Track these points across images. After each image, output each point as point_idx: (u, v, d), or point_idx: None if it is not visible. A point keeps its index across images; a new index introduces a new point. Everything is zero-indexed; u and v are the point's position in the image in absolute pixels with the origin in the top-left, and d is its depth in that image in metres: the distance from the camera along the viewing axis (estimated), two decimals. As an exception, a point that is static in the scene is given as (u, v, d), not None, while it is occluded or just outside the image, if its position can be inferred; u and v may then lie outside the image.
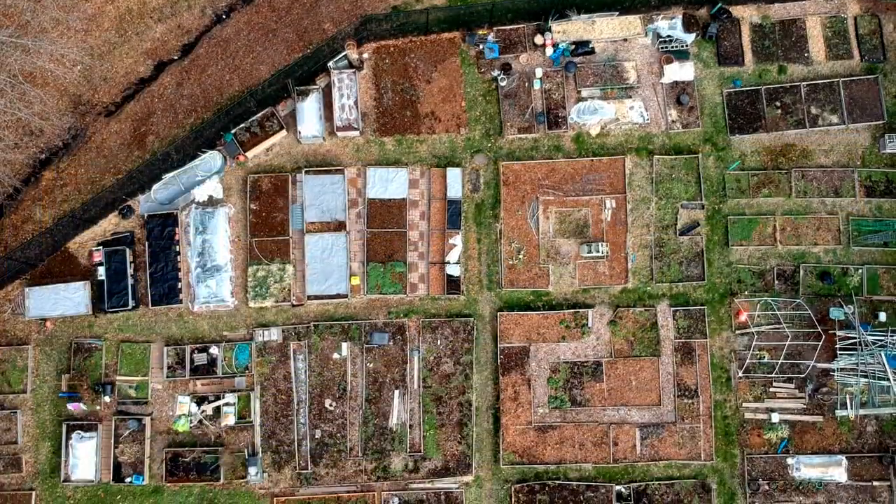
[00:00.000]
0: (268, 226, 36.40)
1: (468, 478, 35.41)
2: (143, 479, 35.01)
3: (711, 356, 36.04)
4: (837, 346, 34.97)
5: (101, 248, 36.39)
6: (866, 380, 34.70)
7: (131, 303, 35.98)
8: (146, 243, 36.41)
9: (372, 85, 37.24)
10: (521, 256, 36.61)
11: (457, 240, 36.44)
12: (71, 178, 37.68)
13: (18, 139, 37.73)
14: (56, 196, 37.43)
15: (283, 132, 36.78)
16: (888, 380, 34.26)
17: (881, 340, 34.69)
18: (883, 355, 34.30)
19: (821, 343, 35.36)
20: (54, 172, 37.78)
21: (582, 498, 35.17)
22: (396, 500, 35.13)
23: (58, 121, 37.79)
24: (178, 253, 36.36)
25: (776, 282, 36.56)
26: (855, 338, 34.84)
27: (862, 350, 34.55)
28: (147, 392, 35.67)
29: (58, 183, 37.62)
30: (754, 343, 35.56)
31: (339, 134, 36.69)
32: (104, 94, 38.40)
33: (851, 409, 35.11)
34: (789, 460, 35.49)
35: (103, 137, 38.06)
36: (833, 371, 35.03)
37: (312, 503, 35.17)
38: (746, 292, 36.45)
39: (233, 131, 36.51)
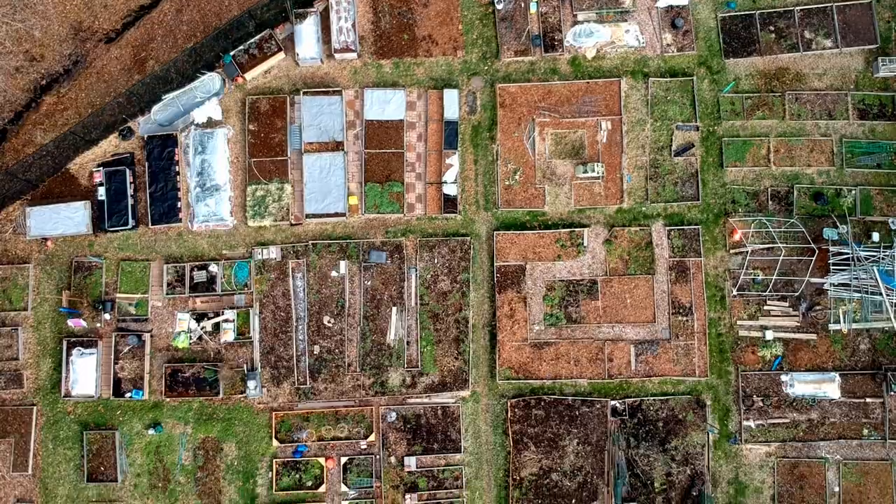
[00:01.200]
0: (266, 146, 36.74)
1: (465, 393, 35.76)
2: (142, 394, 35.37)
3: (706, 275, 36.38)
4: (831, 262, 35.24)
5: (101, 168, 36.74)
6: (859, 295, 34.99)
7: (131, 222, 36.34)
8: (146, 164, 36.76)
9: (369, 8, 37.57)
10: (517, 177, 36.95)
11: (453, 160, 36.77)
12: (71, 103, 38.00)
13: (20, 64, 38.12)
14: (57, 120, 37.73)
15: (282, 54, 37.11)
16: (881, 294, 34.58)
17: (874, 256, 35.01)
18: (876, 270, 34.63)
19: (814, 259, 35.66)
20: (55, 97, 38.12)
21: (577, 413, 35.51)
22: (394, 414, 35.47)
23: (58, 47, 38.21)
24: (178, 173, 36.71)
25: (770, 202, 36.88)
26: (848, 254, 35.14)
27: (855, 265, 34.86)
28: (147, 309, 36.02)
29: (58, 107, 37.94)
30: (748, 258, 35.87)
31: (337, 56, 37.03)
32: (104, 21, 38.69)
33: (845, 323, 35.41)
34: (783, 377, 35.83)
35: (104, 63, 38.38)
36: (826, 286, 35.28)
37: (311, 418, 35.48)
38: (741, 212, 36.77)
39: (231, 53, 36.84)
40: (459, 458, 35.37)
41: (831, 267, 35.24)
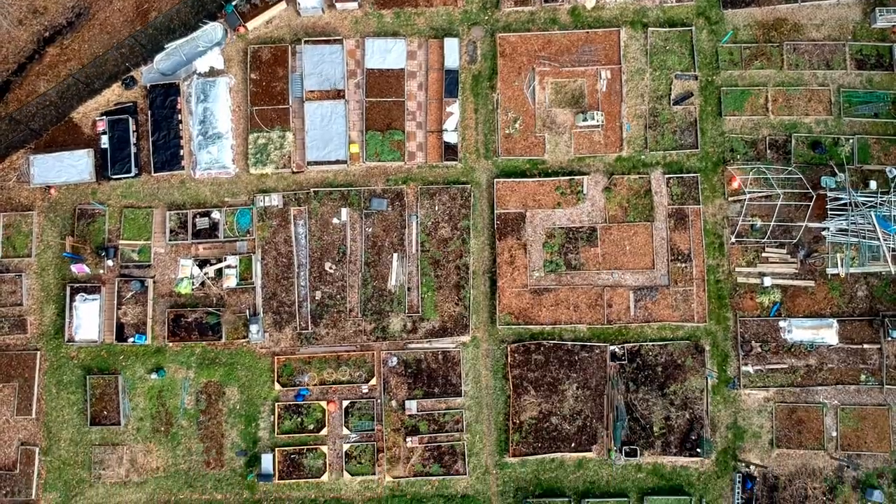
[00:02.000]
0: (268, 95, 37.01)
1: (465, 338, 36.02)
2: (145, 339, 35.61)
3: (704, 222, 36.63)
4: (828, 206, 35.49)
5: (104, 117, 37.00)
6: (857, 240, 35.23)
7: (134, 170, 36.61)
8: (149, 112, 37.02)
9: (370, -42, 37.88)
10: (517, 126, 37.21)
11: (454, 108, 37.02)
12: (74, 54, 38.29)
13: (23, 16, 38.41)
14: (60, 71, 38.00)
15: (283, 4, 37.36)
16: (878, 240, 34.84)
17: (871, 201, 35.26)
18: (873, 216, 34.88)
19: (812, 205, 35.91)
20: (58, 49, 38.41)
21: (576, 358, 35.78)
22: (395, 359, 35.73)
23: (61, -1, 38.50)
24: (180, 121, 36.97)
25: (768, 151, 37.14)
26: (845, 200, 35.37)
27: (852, 211, 35.09)
28: (149, 256, 36.29)
29: (62, 58, 38.23)
30: (746, 202, 36.13)
31: (338, 6, 37.27)
32: (107, -27, 39.00)
33: (842, 267, 35.64)
34: (781, 323, 36.06)
35: (106, 15, 38.65)
36: (824, 230, 35.48)
37: (313, 362, 35.76)
38: (739, 160, 37.02)
39: (233, 3, 37.11)
40: (460, 402, 35.64)
41: (829, 213, 35.48)
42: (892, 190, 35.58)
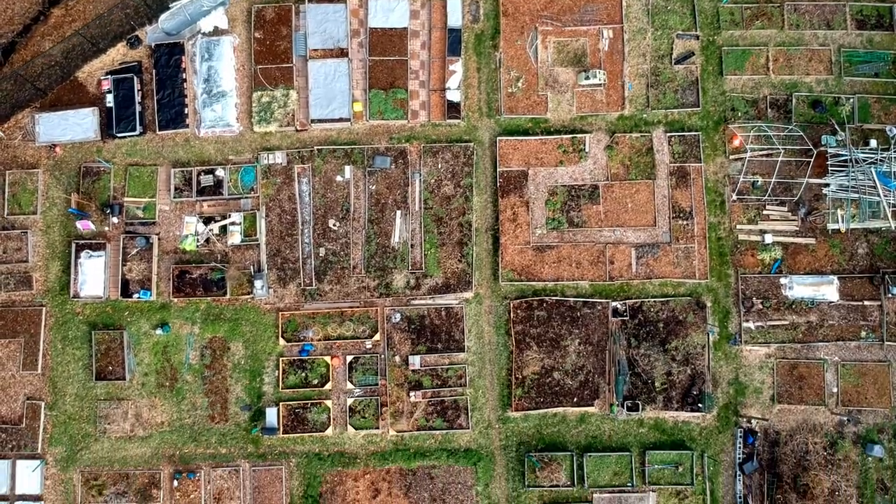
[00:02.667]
0: (272, 53, 37.21)
1: (468, 294, 36.23)
2: (150, 295, 35.82)
3: (706, 180, 36.85)
4: (829, 163, 35.70)
5: (109, 76, 37.19)
6: (857, 196, 35.45)
7: (139, 128, 36.80)
8: (153, 71, 37.21)
9: (374, -81, 38.03)
10: (519, 85, 37.42)
11: (457, 66, 37.24)
12: (79, 15, 38.43)
13: (28, -23, 38.57)
14: (65, 31, 38.14)
15: (287, -36, 37.59)
16: (878, 196, 35.05)
17: (872, 158, 35.48)
18: (874, 172, 35.11)
19: (812, 161, 36.12)
20: (63, 9, 38.56)
21: (578, 314, 36.01)
22: (398, 315, 35.95)
23: (66, -40, 38.61)
24: (185, 80, 37.16)
25: (769, 110, 37.35)
26: (846, 156, 35.59)
27: (853, 167, 35.30)
28: (154, 213, 36.49)
29: (66, 19, 38.39)
30: (747, 160, 36.34)
31: (342, -34, 37.51)
32: (112, -65, 39.13)
33: (842, 222, 35.85)
34: (782, 280, 36.29)
35: (111, -24, 38.81)
36: (825, 187, 35.69)
37: (317, 318, 35.98)
38: (740, 118, 37.23)
39: (238, -37, 37.34)
40: (463, 358, 35.87)
41: (830, 170, 35.68)
42: (892, 147, 35.79)
